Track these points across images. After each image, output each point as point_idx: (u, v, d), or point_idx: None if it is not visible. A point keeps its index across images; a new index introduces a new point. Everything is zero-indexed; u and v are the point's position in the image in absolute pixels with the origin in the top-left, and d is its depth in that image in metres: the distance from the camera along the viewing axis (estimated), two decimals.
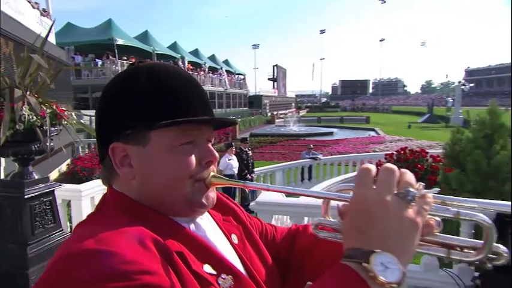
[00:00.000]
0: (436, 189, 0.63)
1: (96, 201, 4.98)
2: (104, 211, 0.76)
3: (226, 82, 46.78)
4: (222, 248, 0.81)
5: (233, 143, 9.17)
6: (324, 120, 46.20)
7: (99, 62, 24.48)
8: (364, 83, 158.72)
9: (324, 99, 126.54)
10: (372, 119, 45.68)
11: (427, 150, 7.76)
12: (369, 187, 0.62)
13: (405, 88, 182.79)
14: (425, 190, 0.62)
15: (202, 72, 40.24)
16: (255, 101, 61.04)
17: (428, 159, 6.88)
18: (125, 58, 25.78)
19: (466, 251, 0.64)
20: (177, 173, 0.76)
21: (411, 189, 0.59)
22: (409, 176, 0.62)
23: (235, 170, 8.32)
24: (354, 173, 8.79)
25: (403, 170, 0.64)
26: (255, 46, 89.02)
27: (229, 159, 8.30)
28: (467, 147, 4.86)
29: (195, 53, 45.47)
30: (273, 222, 3.75)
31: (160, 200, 0.77)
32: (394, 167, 0.63)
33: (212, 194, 0.82)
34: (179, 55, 37.10)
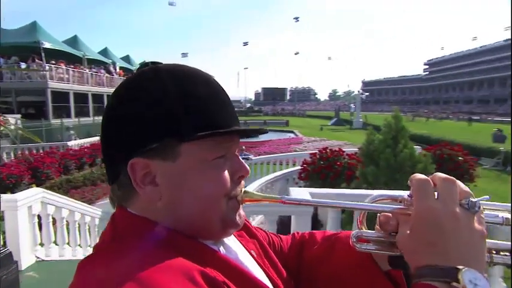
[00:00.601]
0: (487, 197, 0.58)
1: (35, 211, 4.58)
2: (124, 241, 0.57)
3: None
4: (253, 269, 0.68)
5: None
6: (249, 124, 47.30)
7: (23, 65, 21.78)
8: (282, 91, 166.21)
9: (248, 105, 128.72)
10: (290, 122, 48.20)
11: (344, 149, 8.38)
12: (433, 199, 0.55)
13: (316, 95, 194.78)
14: (478, 198, 0.57)
15: None
16: None
17: (345, 157, 7.43)
18: (53, 62, 23.74)
19: (502, 253, 0.61)
20: (213, 191, 0.62)
21: (475, 199, 0.55)
22: (464, 185, 0.57)
23: None
24: (285, 171, 9.14)
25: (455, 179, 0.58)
26: (184, 55, 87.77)
27: None
28: (380, 147, 5.40)
29: (127, 59, 43.25)
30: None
31: (192, 222, 0.62)
32: (452, 178, 0.57)
33: (242, 211, 0.69)
34: (110, 61, 34.98)
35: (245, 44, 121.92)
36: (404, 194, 0.63)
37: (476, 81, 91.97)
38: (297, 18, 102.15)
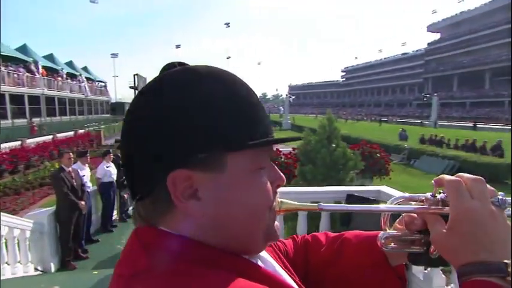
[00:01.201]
0: (502, 194, 0.57)
1: None
2: (170, 265, 0.47)
3: (87, 89, 42.14)
4: (289, 280, 0.62)
5: (110, 150, 8.14)
6: None
7: None
8: None
9: None
10: None
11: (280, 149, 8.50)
12: (470, 199, 0.54)
13: None
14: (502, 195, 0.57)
15: (59, 78, 35.20)
16: (118, 108, 57.50)
17: (281, 156, 7.54)
18: None
19: None
20: (260, 203, 0.54)
21: (503, 197, 0.56)
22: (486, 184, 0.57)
23: (114, 177, 7.48)
24: None
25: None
26: (114, 55, 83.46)
27: (107, 167, 7.35)
28: (316, 147, 5.56)
29: (50, 57, 39.19)
30: None
31: (236, 237, 0.53)
32: (481, 177, 0.57)
33: (277, 222, 0.60)
34: (31, 59, 31.16)
35: (178, 46, 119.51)
36: (424, 195, 0.63)
37: (382, 88, 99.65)
38: (227, 24, 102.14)
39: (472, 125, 40.88)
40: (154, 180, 0.50)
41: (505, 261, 0.48)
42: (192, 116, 0.49)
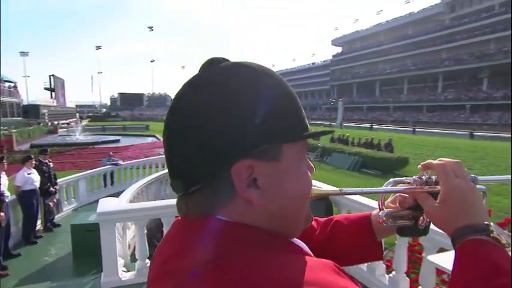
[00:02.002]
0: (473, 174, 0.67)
1: None
2: (242, 251, 0.45)
3: None
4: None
5: (32, 155, 7.02)
6: (108, 129, 42.41)
7: None
8: (140, 96, 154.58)
9: (104, 110, 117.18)
10: (151, 126, 44.68)
11: None
12: (455, 178, 0.62)
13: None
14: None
15: None
16: (31, 111, 51.41)
17: None
18: None
19: None
20: (305, 190, 0.55)
21: (475, 176, 0.65)
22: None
23: (37, 184, 6.51)
24: (158, 174, 8.53)
25: None
26: (24, 53, 74.42)
27: (28, 174, 6.34)
28: None
29: None
30: (116, 230, 3.25)
31: (286, 221, 0.53)
32: (459, 160, 0.65)
33: None
34: None
35: (98, 47, 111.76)
36: (410, 178, 0.70)
37: (296, 93, 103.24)
38: (151, 28, 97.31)
39: (369, 126, 44.46)
40: (219, 171, 0.48)
41: (486, 222, 0.58)
42: (256, 111, 0.48)
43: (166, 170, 8.91)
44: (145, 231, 3.20)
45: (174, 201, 3.24)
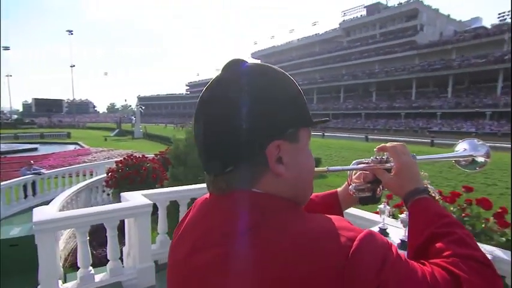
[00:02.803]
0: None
1: None
2: (283, 213, 0.53)
3: None
4: None
5: None
6: (22, 137, 36.54)
7: None
8: (59, 102, 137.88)
9: (15, 116, 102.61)
10: (72, 134, 40.47)
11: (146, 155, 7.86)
12: (404, 155, 0.78)
13: (95, 108, 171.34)
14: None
15: None
16: None
17: (148, 162, 6.96)
18: None
19: None
20: (313, 166, 0.63)
21: (414, 154, 0.81)
22: None
23: None
24: (88, 181, 7.75)
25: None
26: None
27: None
28: (187, 150, 5.32)
29: None
30: (60, 240, 2.97)
31: (304, 191, 0.62)
32: (403, 143, 0.81)
33: None
34: None
35: (6, 48, 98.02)
36: (368, 159, 0.85)
37: None
38: (70, 32, 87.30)
39: (321, 133, 45.73)
40: (256, 151, 0.54)
41: (425, 186, 0.77)
42: (283, 103, 0.57)
43: (95, 178, 8.32)
44: (88, 237, 2.87)
45: (117, 205, 2.93)
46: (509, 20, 46.94)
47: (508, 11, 47.80)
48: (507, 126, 37.76)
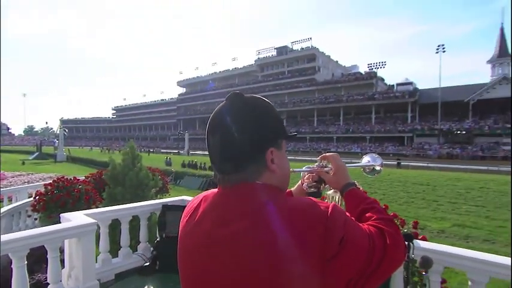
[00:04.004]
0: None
1: None
2: (278, 196, 0.70)
3: None
4: None
5: None
6: None
7: None
8: None
9: None
10: None
11: (78, 177, 7.02)
12: (339, 161, 0.97)
13: (10, 130, 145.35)
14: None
15: None
16: None
17: (80, 184, 6.24)
18: None
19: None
20: (289, 166, 0.80)
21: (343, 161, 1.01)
22: None
23: None
24: (9, 207, 6.55)
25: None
26: None
27: None
28: (124, 170, 4.96)
29: None
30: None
31: (286, 184, 0.78)
32: (337, 153, 1.00)
33: None
34: None
35: None
36: (314, 165, 1.04)
37: (147, 125, 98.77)
38: None
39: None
40: (258, 156, 0.70)
41: (354, 181, 0.93)
42: (274, 121, 0.75)
43: (19, 203, 7.09)
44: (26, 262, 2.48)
45: (60, 226, 2.65)
46: (375, 70, 55.57)
47: (375, 63, 56.34)
48: (380, 147, 43.87)
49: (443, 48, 46.05)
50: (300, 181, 1.08)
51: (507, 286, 1.94)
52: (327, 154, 1.00)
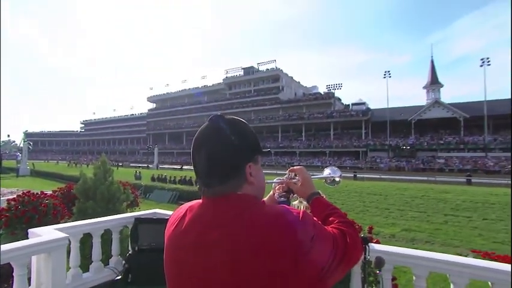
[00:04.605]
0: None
1: None
2: (256, 204, 0.75)
3: None
4: None
5: None
6: None
7: None
8: None
9: None
10: None
11: (45, 192, 6.51)
12: (305, 173, 1.04)
13: None
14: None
15: None
16: None
17: (48, 199, 5.81)
18: None
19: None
20: (265, 179, 0.86)
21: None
22: None
23: None
24: None
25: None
26: None
27: None
28: (96, 184, 4.73)
29: None
30: None
31: (262, 194, 0.83)
32: (303, 166, 1.07)
33: None
34: None
35: None
36: (284, 177, 1.10)
37: (117, 139, 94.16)
38: None
39: (180, 167, 44.79)
40: (239, 170, 0.76)
41: (318, 191, 1.00)
42: (252, 139, 0.80)
43: None
44: None
45: (28, 241, 2.53)
46: (332, 91, 58.62)
47: (333, 84, 59.21)
48: (338, 161, 45.67)
49: (389, 74, 49.74)
50: (271, 191, 1.12)
51: (443, 279, 2.16)
52: (295, 167, 1.07)
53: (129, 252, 3.67)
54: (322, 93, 61.04)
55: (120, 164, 53.85)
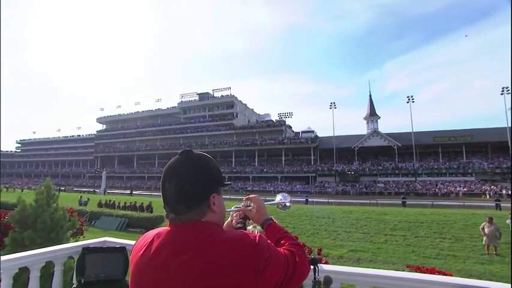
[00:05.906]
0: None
1: None
2: (219, 230, 0.84)
3: None
4: None
5: None
6: None
7: None
8: None
9: None
10: None
11: None
12: (260, 201, 1.12)
13: None
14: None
15: None
16: None
17: None
18: None
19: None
20: (225, 208, 0.94)
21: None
22: None
23: None
24: None
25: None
26: None
27: None
28: (37, 211, 4.25)
29: None
30: None
31: (222, 221, 0.92)
32: (257, 195, 1.14)
33: None
34: None
35: None
36: (240, 204, 1.18)
37: (59, 161, 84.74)
38: None
39: (129, 192, 41.66)
40: (204, 199, 0.85)
41: (271, 217, 1.08)
42: (215, 172, 0.90)
43: None
44: None
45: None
46: (284, 118, 61.45)
47: (284, 113, 62.15)
48: (290, 186, 46.97)
49: (335, 105, 53.94)
50: (229, 218, 1.21)
51: None
52: (251, 196, 1.16)
53: (74, 286, 3.32)
54: (274, 120, 63.33)
55: (63, 189, 48.44)
